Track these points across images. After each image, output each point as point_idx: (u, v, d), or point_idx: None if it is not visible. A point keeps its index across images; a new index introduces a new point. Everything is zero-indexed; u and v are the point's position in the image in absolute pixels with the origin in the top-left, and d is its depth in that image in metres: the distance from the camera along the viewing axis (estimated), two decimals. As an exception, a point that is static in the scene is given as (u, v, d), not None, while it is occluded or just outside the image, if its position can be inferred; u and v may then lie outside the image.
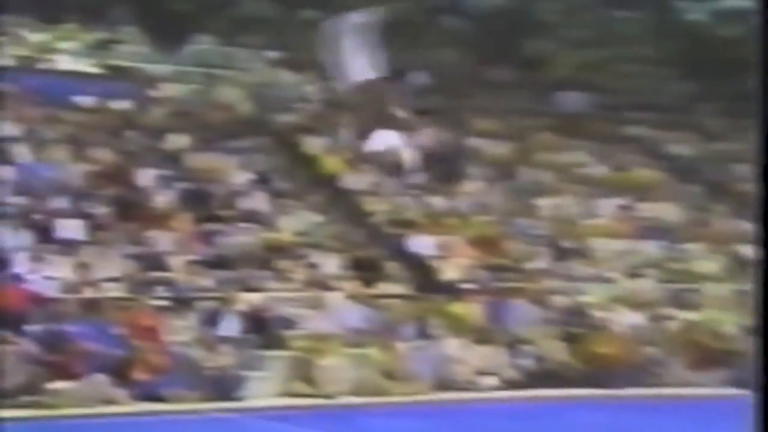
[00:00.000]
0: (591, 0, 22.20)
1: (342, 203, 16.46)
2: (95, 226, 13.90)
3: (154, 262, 13.54)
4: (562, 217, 16.92)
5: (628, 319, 14.21)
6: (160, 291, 13.02)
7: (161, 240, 14.03)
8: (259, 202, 15.73)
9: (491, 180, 17.63)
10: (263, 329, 12.75)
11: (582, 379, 13.07)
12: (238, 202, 15.55)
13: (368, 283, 14.22)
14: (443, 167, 17.84)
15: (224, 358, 11.88)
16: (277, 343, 12.60)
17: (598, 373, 13.14)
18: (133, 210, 14.51)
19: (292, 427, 9.49)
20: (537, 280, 14.84)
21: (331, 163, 16.95)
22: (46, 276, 12.60)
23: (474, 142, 18.33)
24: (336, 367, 12.25)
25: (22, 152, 15.24)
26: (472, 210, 16.66)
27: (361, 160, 12.92)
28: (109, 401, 10.86)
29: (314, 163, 17.17)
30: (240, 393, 11.60)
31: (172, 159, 16.38)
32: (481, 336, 13.36)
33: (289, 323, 13.02)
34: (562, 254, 15.92)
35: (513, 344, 13.35)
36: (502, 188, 17.49)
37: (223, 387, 11.55)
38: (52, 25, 18.61)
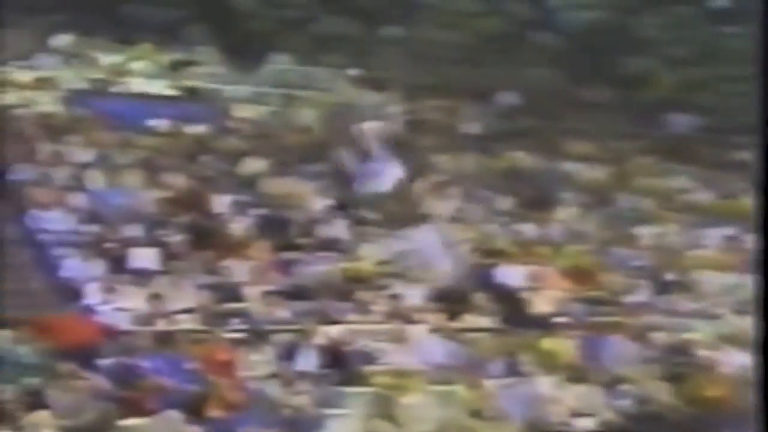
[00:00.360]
0: (695, 14, 21.87)
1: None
2: (169, 254, 14.15)
3: (229, 292, 13.71)
4: (664, 247, 16.64)
5: (736, 359, 13.83)
6: (236, 323, 13.17)
7: (237, 269, 14.21)
8: (338, 229, 15.81)
9: (586, 206, 17.43)
10: (343, 364, 12.76)
11: (686, 423, 12.75)
12: (317, 229, 15.67)
13: (454, 315, 14.14)
14: (534, 192, 17.77)
15: (302, 395, 11.91)
16: (357, 379, 12.59)
17: (704, 417, 12.81)
18: (208, 238, 14.74)
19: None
20: (637, 315, 14.58)
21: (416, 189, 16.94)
22: (118, 307, 12.85)
23: (568, 165, 18.16)
24: (419, 405, 12.17)
25: (95, 178, 15.63)
26: (566, 238, 16.48)
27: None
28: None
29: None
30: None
31: (248, 184, 16.62)
32: (576, 374, 13.15)
33: (369, 358, 13.01)
34: (663, 287, 15.63)
35: (611, 384, 13.10)
36: (599, 215, 17.28)
37: (301, 425, 11.57)
38: (125, 46, 19.11)
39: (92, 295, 12.95)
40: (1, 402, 10.35)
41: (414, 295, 14.44)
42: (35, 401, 10.64)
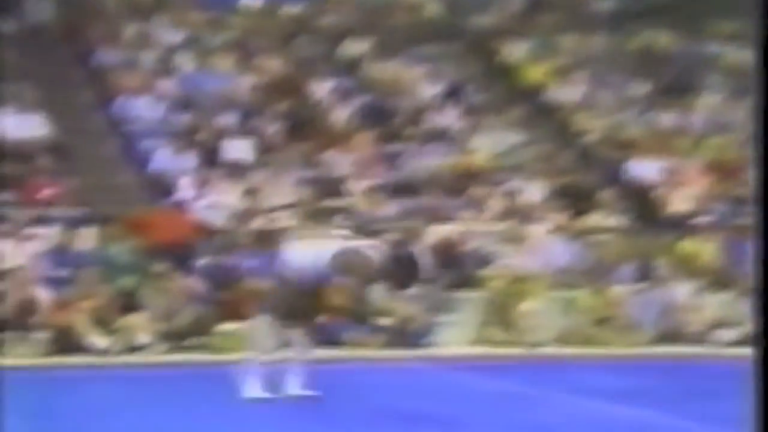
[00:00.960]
0: None
1: (548, 120, 16.25)
2: (265, 146, 14.31)
3: (330, 187, 13.84)
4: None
5: None
6: (337, 221, 13.32)
7: (338, 162, 14.32)
8: (450, 118, 15.74)
9: (732, 93, 16.95)
10: (454, 266, 12.84)
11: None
12: (426, 118, 15.62)
13: (578, 214, 14.03)
14: (673, 77, 17.32)
15: (410, 299, 12.06)
16: (470, 283, 12.67)
17: None
18: (306, 128, 14.85)
19: (486, 380, 9.55)
20: (787, 215, 14.20)
21: (536, 73, 16.71)
22: (212, 203, 13.11)
23: (712, 47, 17.63)
24: (538, 312, 12.20)
25: (184, 61, 15.82)
26: (708, 129, 16.10)
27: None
28: (283, 345, 11.23)
29: (515, 72, 16.98)
30: (427, 339, 11.77)
31: (350, 68, 16.61)
32: (718, 281, 12.96)
33: (484, 260, 13.05)
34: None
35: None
36: (746, 103, 16.77)
37: (408, 332, 11.75)
38: None
39: (185, 190, 13.21)
40: (96, 303, 10.74)
41: (533, 191, 14.35)
42: (129, 303, 11.04)
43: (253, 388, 7.81)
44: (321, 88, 15.70)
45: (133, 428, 6.83)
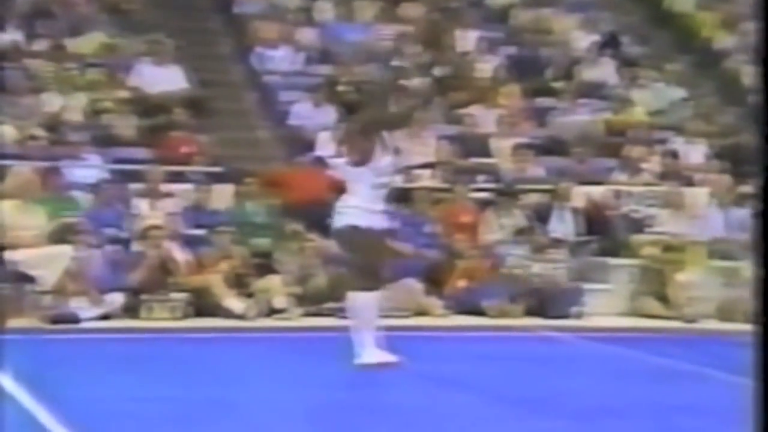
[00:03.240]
0: None
1: (714, 74, 15.87)
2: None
3: (474, 145, 13.86)
4: None
5: None
6: (482, 180, 13.35)
7: (483, 118, 14.31)
8: (605, 71, 15.53)
9: None
10: (605, 231, 12.75)
11: None
12: (579, 71, 15.45)
13: (743, 178, 13.71)
14: None
15: (556, 265, 12.05)
16: (623, 249, 12.57)
17: None
18: (450, 81, 14.87)
19: (637, 354, 9.50)
20: None
21: (701, 23, 16.31)
22: (352, 160, 13.27)
23: None
24: (697, 282, 12.04)
25: (325, 10, 15.98)
26: None
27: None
28: (421, 311, 11.40)
29: (678, 22, 16.61)
30: (574, 309, 11.75)
31: (498, 17, 16.52)
32: None
33: (638, 225, 12.92)
34: None
35: None
36: None
37: (554, 300, 11.74)
38: None
39: (324, 146, 13.39)
40: (232, 265, 11.04)
41: (694, 152, 14.09)
42: (265, 264, 11.32)
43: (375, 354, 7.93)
44: (467, 39, 15.65)
45: (270, 393, 7.03)
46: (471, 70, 15.11)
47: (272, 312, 10.87)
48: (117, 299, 10.38)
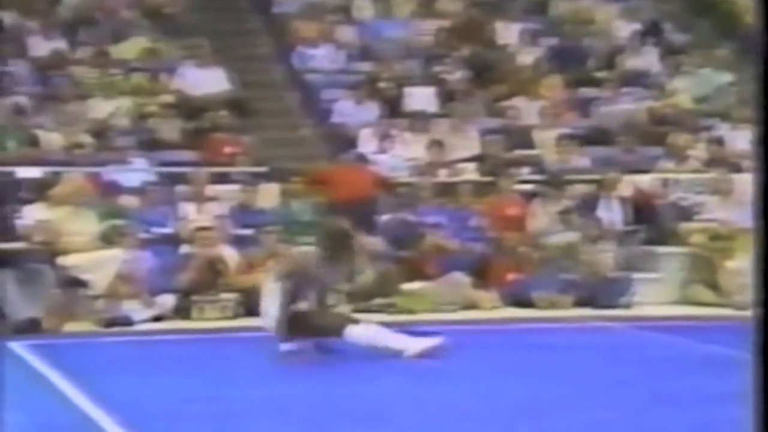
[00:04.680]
0: None
1: (758, 59, 15.71)
2: (448, 94, 14.43)
3: (517, 137, 13.86)
4: None
5: None
6: (526, 172, 13.35)
7: (526, 110, 14.31)
8: (648, 60, 15.47)
9: None
10: (653, 220, 12.71)
11: None
12: (622, 60, 15.41)
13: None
14: None
15: (604, 255, 12.03)
16: (671, 238, 12.53)
17: None
18: (492, 73, 14.88)
19: (689, 343, 9.46)
20: None
21: (745, 6, 16.17)
22: (395, 156, 13.33)
23: None
24: (747, 269, 11.96)
25: (364, 8, 16.04)
26: None
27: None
28: (470, 305, 11.44)
29: (721, 6, 16.49)
30: (624, 298, 11.73)
31: (538, 8, 16.49)
32: None
33: (686, 213, 12.87)
34: None
35: None
36: None
37: (604, 290, 11.73)
38: None
39: (366, 143, 13.47)
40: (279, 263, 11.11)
41: (741, 139, 14.00)
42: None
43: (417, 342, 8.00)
44: (507, 31, 15.66)
45: (323, 391, 7.08)
46: (512, 62, 15.13)
47: (322, 309, 10.92)
48: (168, 301, 10.50)
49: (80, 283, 10.14)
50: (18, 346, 8.54)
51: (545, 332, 10.22)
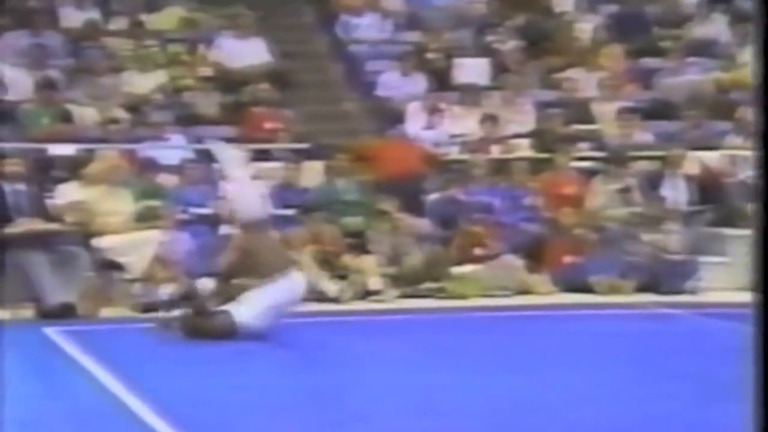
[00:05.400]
0: None
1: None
2: (501, 66, 14.40)
3: (575, 111, 13.83)
4: None
5: None
6: (584, 148, 13.32)
7: (585, 82, 14.26)
8: (716, 28, 15.35)
9: None
10: (721, 199, 12.65)
11: None
12: (687, 29, 15.30)
13: None
14: None
15: (668, 236, 12.00)
16: (740, 219, 12.45)
17: None
18: (548, 43, 14.83)
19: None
20: None
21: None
22: (444, 131, 13.36)
23: None
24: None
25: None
26: None
27: None
28: (524, 289, 11.45)
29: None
30: (689, 283, 11.70)
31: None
32: None
33: (755, 192, 12.76)
34: None
35: None
36: None
37: (667, 275, 11.70)
38: None
39: (414, 117, 13.49)
40: (324, 245, 11.20)
41: (814, 111, 13.85)
42: (357, 244, 11.46)
43: None
44: (564, -2, 15.63)
45: (370, 379, 7.15)
46: (569, 31, 15.05)
47: (367, 294, 11.01)
48: (207, 285, 10.56)
49: (116, 266, 10.27)
50: (52, 332, 8.68)
51: (604, 319, 10.23)
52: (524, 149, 13.28)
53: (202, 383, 6.92)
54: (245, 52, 13.84)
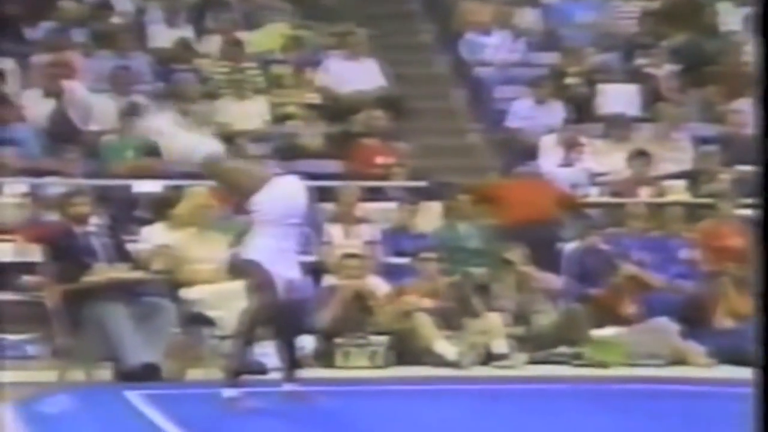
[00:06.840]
0: None
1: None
2: (655, 93, 14.33)
3: (741, 149, 13.59)
4: None
5: None
6: (752, 194, 13.16)
7: (753, 114, 14.08)
8: None
9: None
10: None
11: None
12: None
13: None
14: None
15: None
16: None
17: None
18: (711, 68, 14.73)
19: None
20: None
21: None
22: (586, 169, 13.33)
23: None
24: None
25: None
26: None
27: None
28: (678, 358, 11.27)
29: None
30: None
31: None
32: None
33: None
34: None
35: None
36: None
37: None
38: None
39: (549, 153, 13.50)
40: (442, 300, 11.26)
41: None
42: (480, 299, 11.46)
43: None
44: (731, 15, 15.47)
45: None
46: (736, 54, 14.90)
47: (491, 358, 11.02)
48: (308, 343, 10.66)
49: (206, 321, 10.33)
50: (133, 396, 8.81)
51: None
52: (680, 192, 13.17)
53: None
54: (356, 75, 14.00)
